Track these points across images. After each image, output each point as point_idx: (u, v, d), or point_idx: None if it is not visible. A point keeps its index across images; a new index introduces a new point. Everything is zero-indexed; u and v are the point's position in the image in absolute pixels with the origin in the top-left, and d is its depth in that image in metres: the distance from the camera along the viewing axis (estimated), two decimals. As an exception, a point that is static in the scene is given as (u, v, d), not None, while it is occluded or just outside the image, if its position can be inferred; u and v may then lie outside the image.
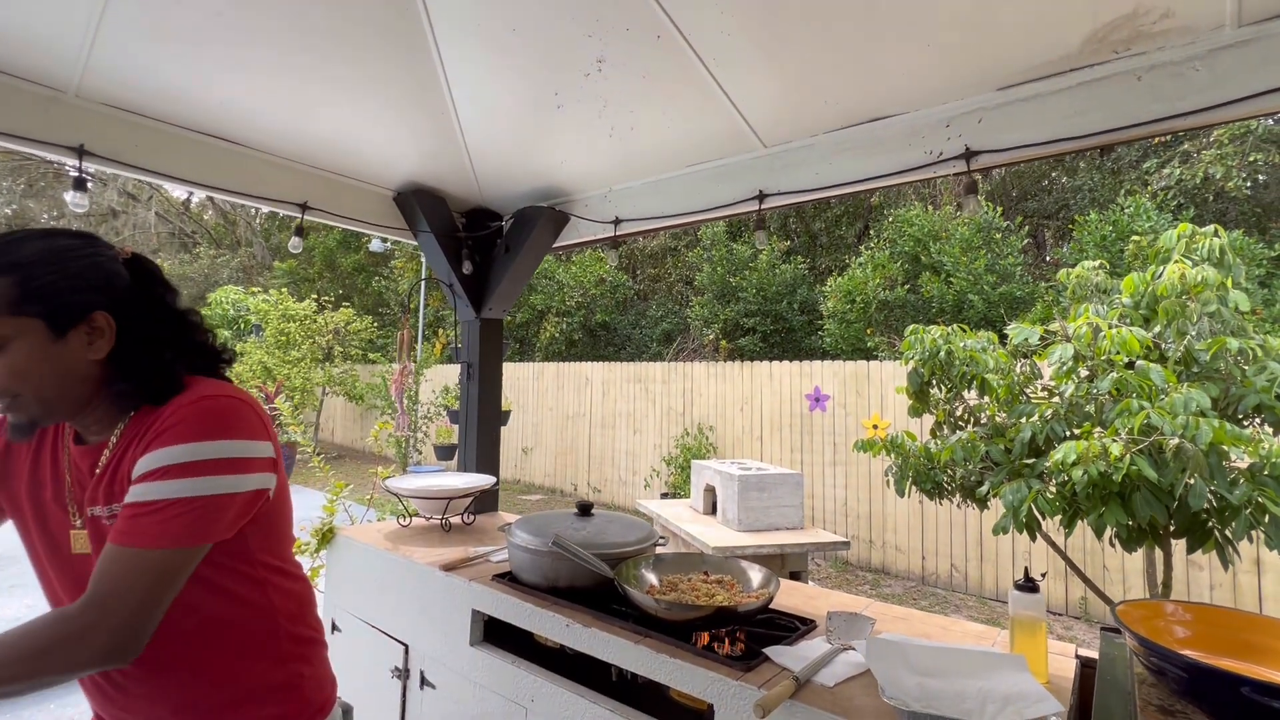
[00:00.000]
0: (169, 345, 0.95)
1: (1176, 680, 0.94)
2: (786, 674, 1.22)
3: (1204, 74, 1.37)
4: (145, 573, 0.82)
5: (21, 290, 0.83)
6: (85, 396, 0.90)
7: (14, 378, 0.83)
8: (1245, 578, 4.19)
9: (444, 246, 2.70)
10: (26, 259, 0.84)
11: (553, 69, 1.83)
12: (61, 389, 0.87)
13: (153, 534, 0.83)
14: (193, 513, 0.85)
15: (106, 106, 1.88)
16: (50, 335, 0.85)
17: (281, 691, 1.04)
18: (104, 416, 0.93)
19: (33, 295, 0.83)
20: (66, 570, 0.93)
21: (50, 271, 0.85)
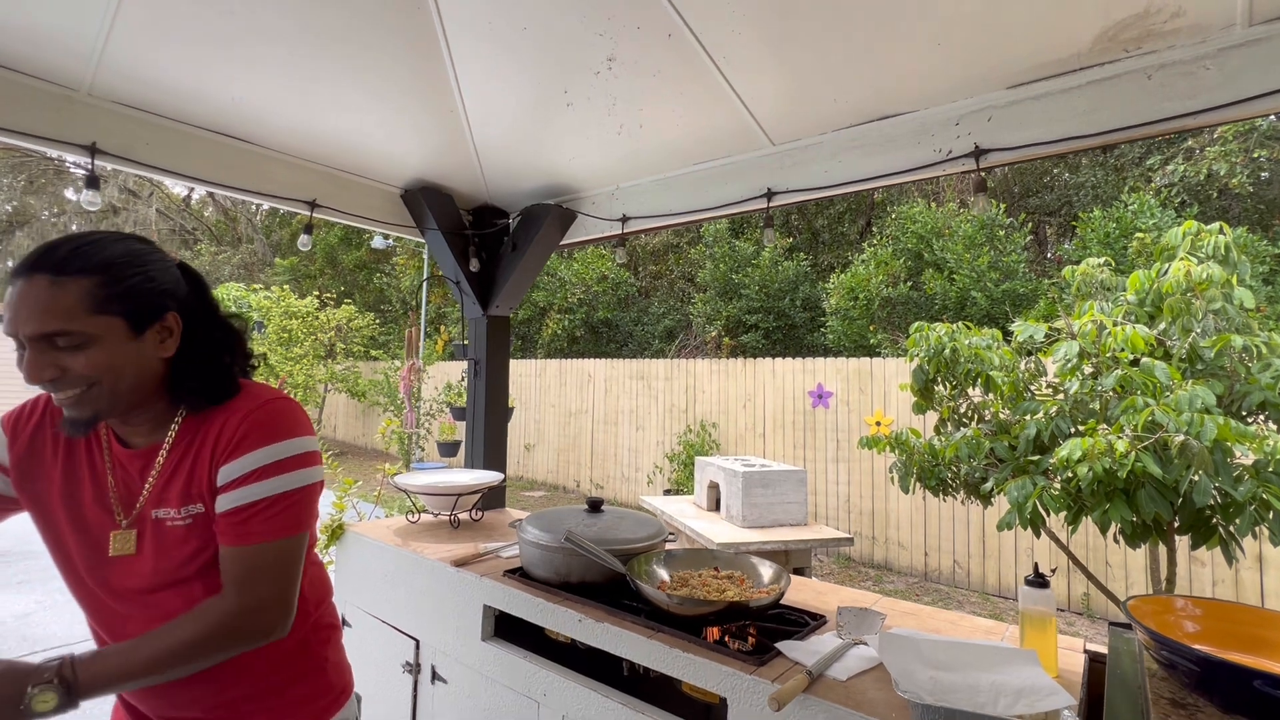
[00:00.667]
0: (224, 348, 1.00)
1: (1188, 673, 0.95)
2: (799, 668, 1.23)
3: (1214, 73, 1.37)
4: (278, 560, 0.94)
5: (109, 290, 0.87)
6: (149, 393, 0.94)
7: (96, 370, 0.87)
8: (1248, 574, 4.21)
9: (451, 244, 2.71)
10: (113, 260, 0.89)
11: (563, 67, 1.84)
12: (134, 384, 0.91)
13: (276, 526, 0.94)
14: (295, 505, 0.96)
15: (119, 105, 1.89)
16: (130, 332, 0.90)
17: (308, 675, 1.09)
18: (155, 417, 0.97)
19: (118, 295, 0.88)
20: (102, 570, 0.95)
21: (133, 273, 0.90)
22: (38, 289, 0.84)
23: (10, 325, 0.84)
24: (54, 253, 0.86)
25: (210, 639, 0.88)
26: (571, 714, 1.51)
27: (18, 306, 0.84)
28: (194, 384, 0.96)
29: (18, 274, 0.86)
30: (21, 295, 0.84)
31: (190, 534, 0.95)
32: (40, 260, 0.85)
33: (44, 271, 0.85)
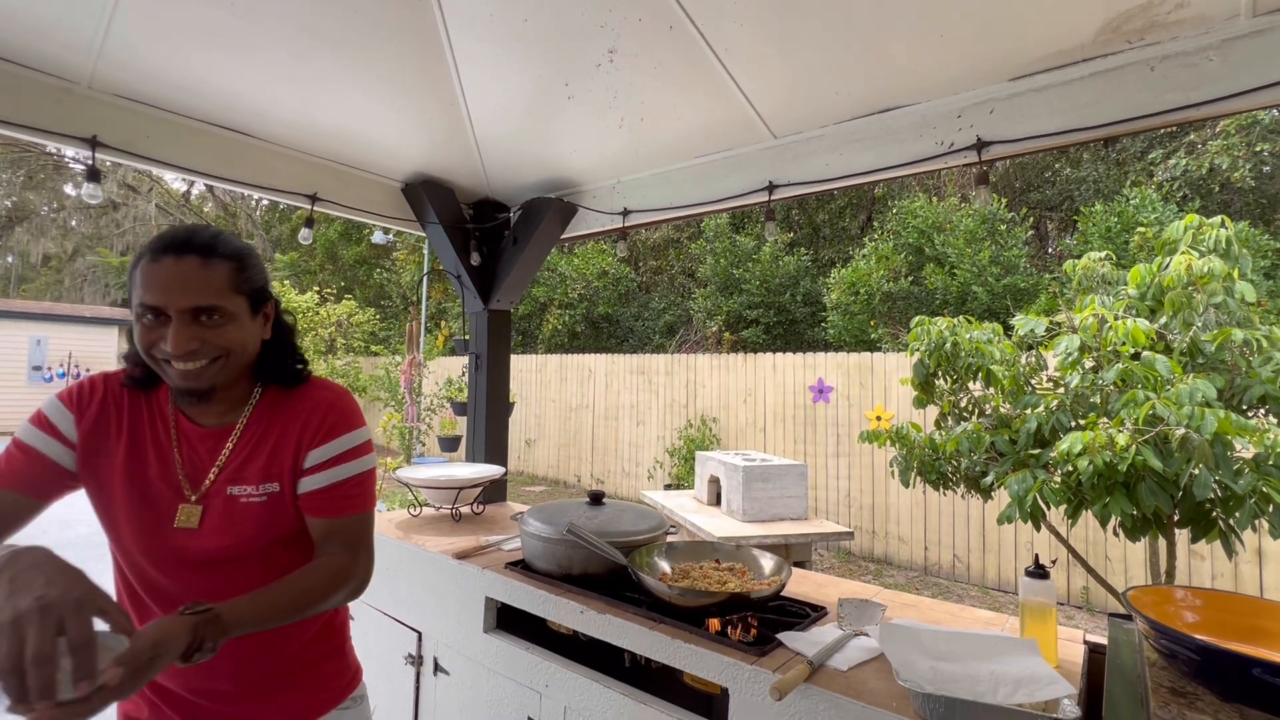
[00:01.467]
0: (293, 338, 1.13)
1: (1187, 662, 0.96)
2: (800, 658, 1.24)
3: (1217, 64, 1.37)
4: (367, 529, 1.08)
5: (242, 274, 0.98)
6: (245, 370, 1.04)
7: (228, 344, 0.96)
8: (1247, 567, 4.22)
9: (452, 238, 2.71)
10: (242, 250, 1.00)
11: (564, 60, 1.84)
12: (246, 359, 1.02)
13: (365, 500, 1.07)
14: (371, 483, 1.10)
15: (119, 98, 1.89)
16: (250, 313, 1.01)
17: (332, 655, 1.17)
18: (235, 397, 1.05)
19: (247, 279, 0.99)
20: (162, 541, 0.98)
21: (254, 262, 1.02)
22: (190, 268, 0.92)
23: (159, 298, 0.90)
24: (197, 237, 0.95)
25: (334, 588, 0.98)
26: (573, 705, 1.52)
27: (169, 282, 0.90)
28: (278, 366, 1.07)
29: (164, 253, 0.91)
30: (173, 273, 0.91)
31: (263, 511, 1.01)
32: (188, 243, 0.93)
33: (194, 253, 0.93)
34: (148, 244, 0.93)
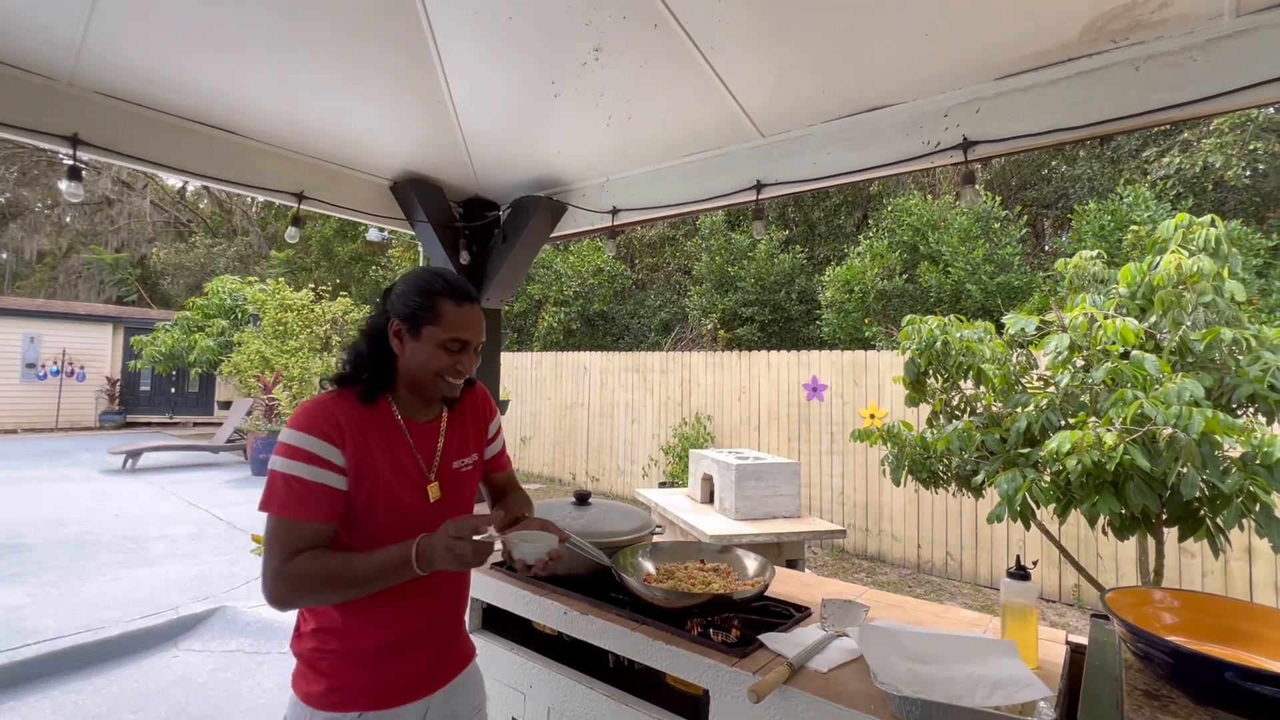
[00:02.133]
0: None
1: (1162, 665, 0.96)
2: (780, 660, 1.24)
3: (1202, 64, 1.37)
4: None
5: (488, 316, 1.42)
6: None
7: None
8: (1236, 565, 4.24)
9: (441, 236, 2.69)
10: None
11: (550, 58, 1.82)
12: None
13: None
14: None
15: (100, 95, 1.87)
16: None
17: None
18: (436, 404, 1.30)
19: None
20: (424, 513, 1.22)
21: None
22: (477, 312, 1.24)
23: (470, 335, 1.21)
24: (470, 288, 1.25)
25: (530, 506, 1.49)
26: (557, 706, 1.52)
27: (474, 324, 1.22)
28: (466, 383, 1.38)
29: (467, 299, 1.22)
30: (474, 317, 1.23)
31: (473, 476, 1.36)
32: (472, 294, 1.24)
33: (475, 302, 1.24)
34: (447, 286, 1.20)
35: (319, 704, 1.13)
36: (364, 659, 1.16)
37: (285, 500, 1.08)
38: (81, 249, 22.18)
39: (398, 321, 1.19)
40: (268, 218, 23.48)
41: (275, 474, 1.09)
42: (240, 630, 3.69)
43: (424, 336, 1.17)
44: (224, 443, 10.10)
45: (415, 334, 1.18)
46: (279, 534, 1.07)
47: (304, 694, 1.15)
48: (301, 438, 1.10)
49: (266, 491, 1.09)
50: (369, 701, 1.15)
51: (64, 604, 3.89)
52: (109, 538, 5.45)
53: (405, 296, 1.20)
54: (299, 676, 1.17)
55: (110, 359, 14.98)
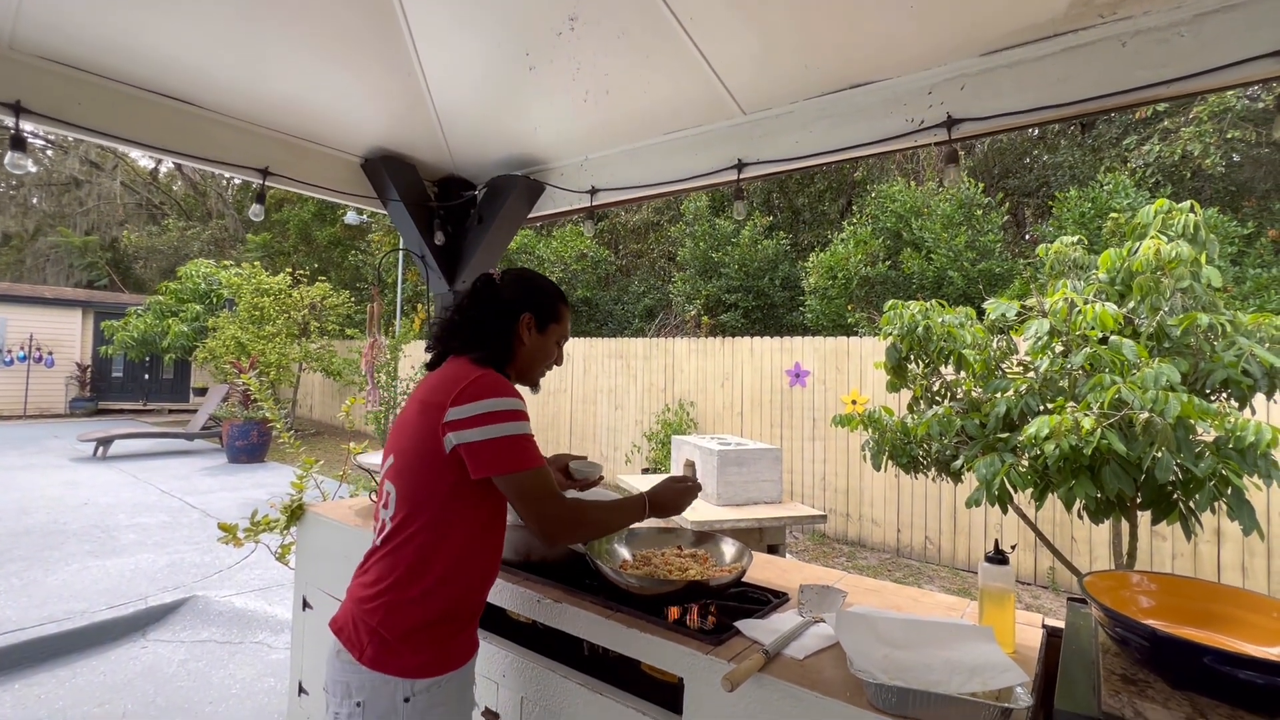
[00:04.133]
0: None
1: (1140, 649, 0.94)
2: (756, 647, 1.21)
3: (1189, 40, 1.34)
4: None
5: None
6: None
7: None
8: (1206, 548, 4.33)
9: (415, 216, 2.61)
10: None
11: (523, 26, 1.75)
12: None
13: None
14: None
15: (44, 60, 1.76)
16: None
17: None
18: None
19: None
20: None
21: None
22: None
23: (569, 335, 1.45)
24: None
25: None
26: (530, 695, 1.49)
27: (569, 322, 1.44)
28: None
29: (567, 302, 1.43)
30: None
31: None
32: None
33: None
34: (559, 291, 1.41)
35: (419, 673, 1.21)
36: (452, 625, 1.26)
37: (532, 454, 1.21)
38: (49, 231, 21.48)
39: (530, 315, 1.34)
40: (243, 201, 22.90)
41: (511, 438, 1.19)
42: (212, 620, 3.62)
43: (549, 333, 1.38)
44: (199, 430, 9.90)
45: (543, 329, 1.37)
46: (547, 482, 1.21)
47: (398, 668, 1.20)
48: (515, 401, 1.23)
49: (512, 455, 1.19)
50: (456, 662, 1.27)
51: (27, 595, 3.78)
52: (77, 527, 5.32)
53: (537, 295, 1.37)
54: (385, 654, 1.20)
55: (80, 344, 14.58)
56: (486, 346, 1.31)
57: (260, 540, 2.41)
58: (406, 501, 1.23)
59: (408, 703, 1.20)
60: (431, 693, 1.22)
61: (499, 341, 1.32)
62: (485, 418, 1.18)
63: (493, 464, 1.18)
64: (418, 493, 1.22)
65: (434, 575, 1.21)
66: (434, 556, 1.21)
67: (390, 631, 1.20)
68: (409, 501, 1.23)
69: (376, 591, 1.22)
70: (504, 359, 1.33)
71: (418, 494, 1.22)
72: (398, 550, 1.23)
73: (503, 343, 1.33)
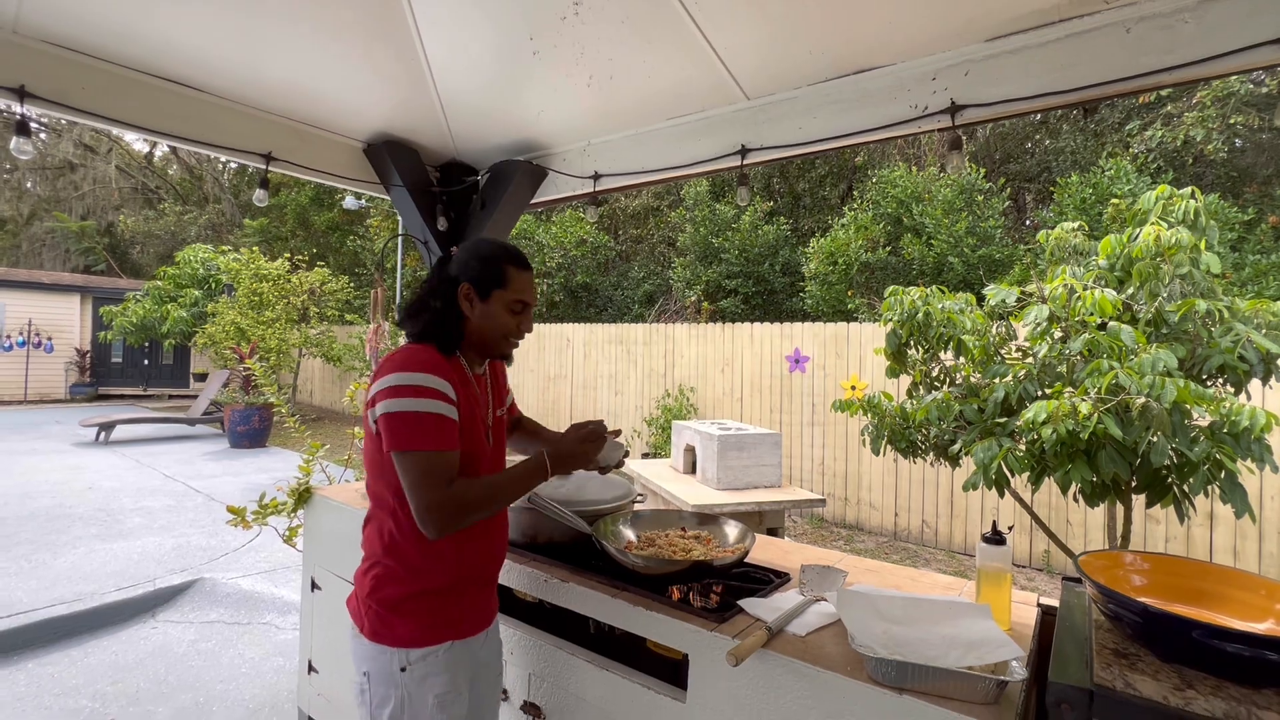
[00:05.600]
0: None
1: (1131, 625, 0.98)
2: (760, 624, 1.25)
3: (1193, 26, 1.34)
4: None
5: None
6: None
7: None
8: (1199, 530, 4.39)
9: (418, 201, 2.61)
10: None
11: (527, 11, 1.75)
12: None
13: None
14: None
15: (49, 44, 1.76)
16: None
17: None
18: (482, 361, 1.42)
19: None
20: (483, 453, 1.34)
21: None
22: (533, 278, 1.38)
23: (530, 296, 1.36)
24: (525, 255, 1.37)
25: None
26: (538, 671, 1.53)
27: (533, 288, 1.37)
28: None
29: (527, 266, 1.36)
30: (532, 281, 1.37)
31: (505, 420, 1.49)
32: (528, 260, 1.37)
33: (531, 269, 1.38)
34: (511, 253, 1.34)
35: (411, 643, 1.24)
36: (446, 596, 1.28)
37: (423, 434, 1.17)
38: (44, 216, 21.34)
39: (468, 285, 1.30)
40: (240, 185, 22.74)
41: (403, 414, 1.17)
42: (220, 601, 3.67)
43: (493, 299, 1.31)
44: (200, 415, 9.93)
45: (485, 297, 1.30)
46: (431, 466, 1.17)
47: (391, 639, 1.25)
48: (419, 376, 1.20)
49: (398, 433, 1.17)
50: (453, 633, 1.28)
51: (36, 577, 3.83)
52: (82, 510, 5.36)
53: (473, 262, 1.31)
54: (380, 625, 1.25)
55: (79, 330, 14.56)
56: (420, 323, 1.30)
57: (268, 523, 2.44)
58: (368, 477, 1.31)
59: (404, 672, 1.24)
60: (428, 662, 1.24)
61: (436, 316, 1.29)
62: (387, 392, 1.19)
63: (388, 439, 1.18)
64: (370, 469, 1.30)
65: (406, 547, 1.25)
66: (397, 530, 1.26)
67: (381, 604, 1.26)
68: (369, 477, 1.31)
69: (365, 567, 1.31)
70: (445, 334, 1.29)
71: (370, 470, 1.30)
72: (370, 524, 1.32)
73: (440, 317, 1.29)
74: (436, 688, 1.24)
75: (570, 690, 1.46)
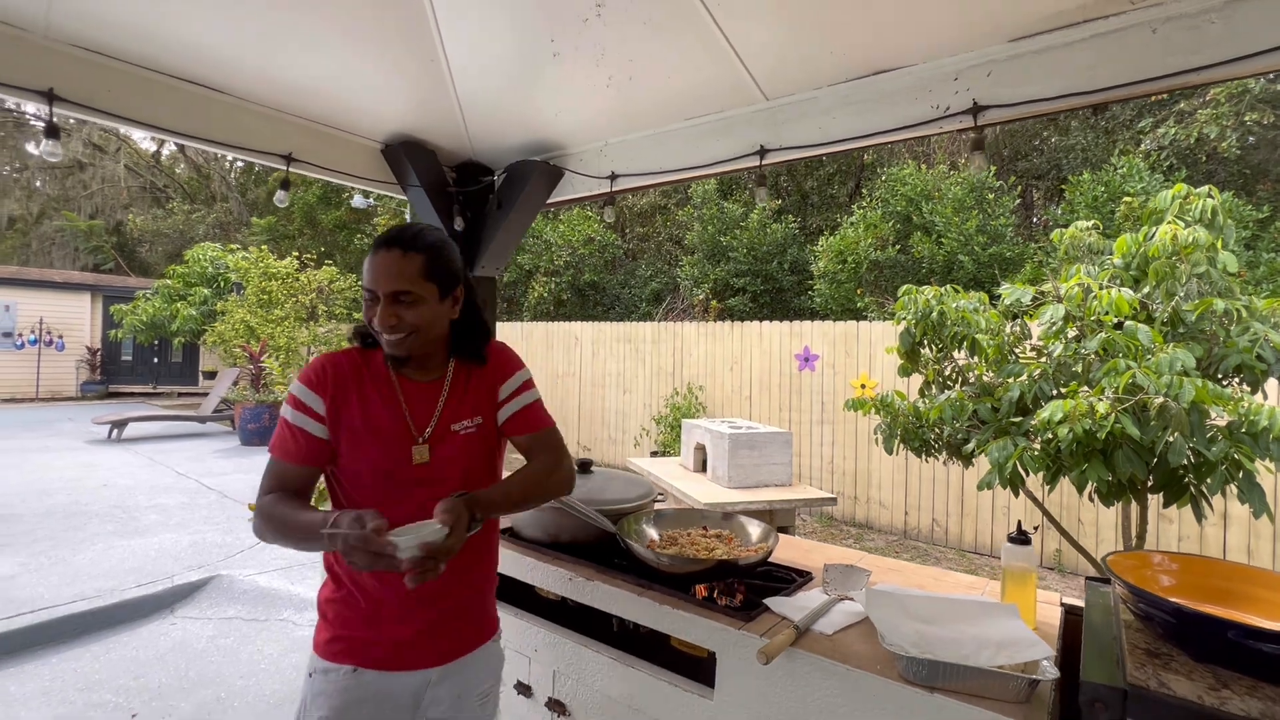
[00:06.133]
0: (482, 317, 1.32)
1: (1163, 624, 0.98)
2: (787, 623, 1.26)
3: (1219, 26, 1.34)
4: (561, 439, 1.34)
5: (433, 264, 1.17)
6: (440, 343, 1.25)
7: (418, 321, 1.16)
8: (1212, 530, 4.37)
9: (435, 202, 2.63)
10: (436, 242, 1.19)
11: (549, 14, 1.76)
12: (436, 335, 1.22)
13: (548, 417, 1.35)
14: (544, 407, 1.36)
15: (77, 48, 1.78)
16: (439, 297, 1.19)
17: (491, 591, 1.36)
18: (439, 362, 1.28)
19: (438, 268, 1.17)
20: (404, 474, 1.19)
21: (447, 254, 1.21)
22: (394, 259, 1.13)
23: (371, 282, 1.15)
24: (403, 234, 1.16)
25: (551, 479, 1.27)
26: (562, 668, 1.54)
27: (379, 270, 1.14)
28: (470, 341, 1.29)
29: (379, 246, 1.15)
30: (383, 263, 1.14)
31: (476, 439, 1.27)
32: (395, 238, 1.15)
33: (397, 246, 1.14)
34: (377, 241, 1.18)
35: (321, 651, 1.20)
36: (361, 614, 1.19)
37: (276, 440, 1.18)
38: (53, 215, 21.49)
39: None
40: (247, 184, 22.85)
41: (280, 417, 1.20)
42: (237, 598, 3.71)
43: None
44: (211, 413, 10.00)
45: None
46: (266, 470, 1.18)
47: (314, 641, 1.23)
48: (295, 385, 1.20)
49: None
50: (362, 657, 1.18)
51: (56, 574, 3.87)
52: (98, 508, 5.42)
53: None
54: (318, 626, 1.25)
55: (89, 328, 14.68)
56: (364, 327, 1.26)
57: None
58: None
59: (310, 678, 1.19)
60: (329, 677, 1.16)
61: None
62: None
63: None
64: None
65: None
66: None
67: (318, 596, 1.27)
68: None
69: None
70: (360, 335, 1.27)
71: None
72: None
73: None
74: (321, 709, 1.15)
75: (595, 687, 1.48)
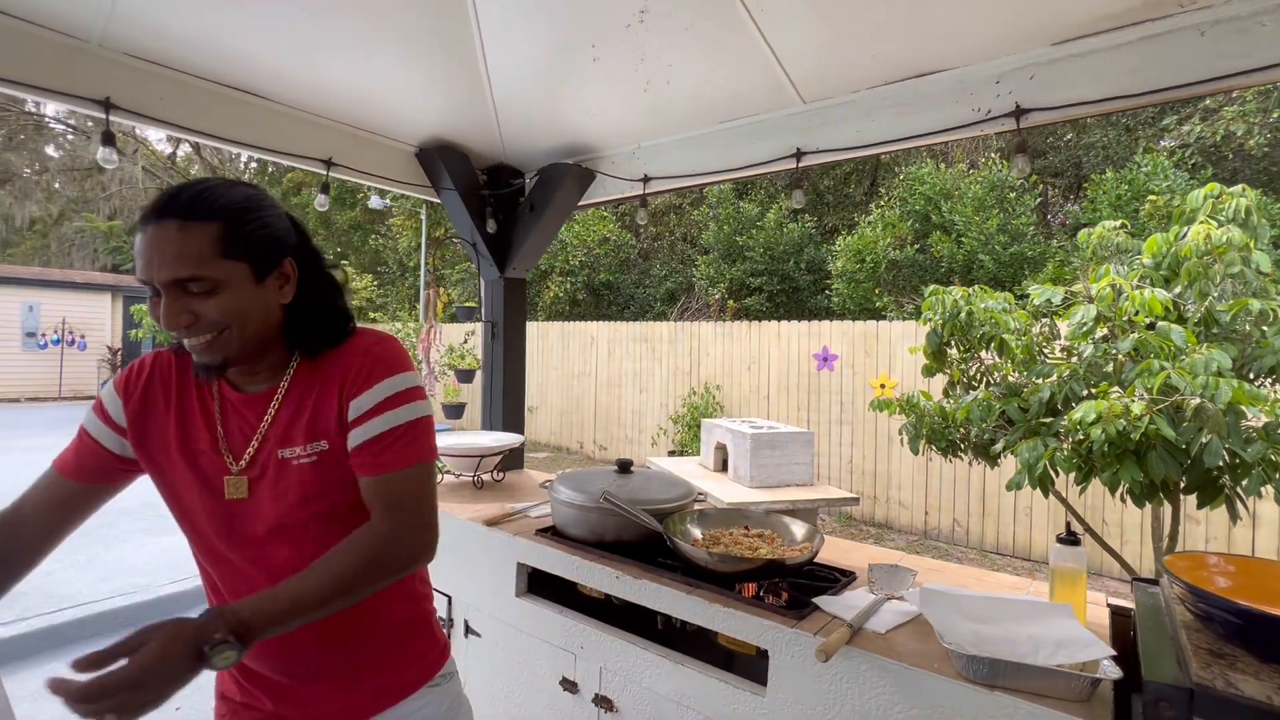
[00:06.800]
0: (335, 295, 1.00)
1: (1225, 625, 0.99)
2: (839, 622, 1.28)
3: (1271, 29, 1.34)
4: (425, 482, 0.95)
5: (233, 235, 0.85)
6: (270, 339, 0.94)
7: (225, 315, 0.86)
8: (1240, 531, 4.33)
9: (468, 204, 2.66)
10: (234, 204, 0.87)
11: (593, 20, 1.78)
12: (259, 329, 0.91)
13: (413, 452, 0.93)
14: (426, 431, 0.97)
15: (131, 57, 1.83)
16: (253, 278, 0.88)
17: (417, 629, 1.07)
18: (273, 364, 0.96)
19: (242, 240, 0.86)
20: (218, 513, 0.94)
21: (253, 218, 0.88)
22: (168, 234, 0.82)
23: (144, 271, 0.83)
24: (179, 198, 0.84)
25: (371, 564, 0.86)
26: (609, 665, 1.57)
27: (150, 252, 0.82)
28: (311, 330, 0.95)
29: (147, 220, 0.83)
30: (154, 241, 0.82)
31: (315, 472, 0.93)
32: (168, 205, 0.83)
33: (173, 216, 0.82)
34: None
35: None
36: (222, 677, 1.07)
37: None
38: (73, 216, 21.85)
39: None
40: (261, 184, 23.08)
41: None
42: (268, 594, 3.77)
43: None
44: (231, 412, 10.13)
45: None
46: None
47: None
48: (105, 386, 0.99)
49: None
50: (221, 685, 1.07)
51: (93, 570, 3.96)
52: (129, 504, 5.48)
53: None
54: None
55: (110, 328, 14.91)
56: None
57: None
58: None
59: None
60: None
61: None
62: None
63: None
64: None
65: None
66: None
67: None
68: None
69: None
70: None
71: None
72: None
73: None
74: None
75: (643, 684, 1.50)
